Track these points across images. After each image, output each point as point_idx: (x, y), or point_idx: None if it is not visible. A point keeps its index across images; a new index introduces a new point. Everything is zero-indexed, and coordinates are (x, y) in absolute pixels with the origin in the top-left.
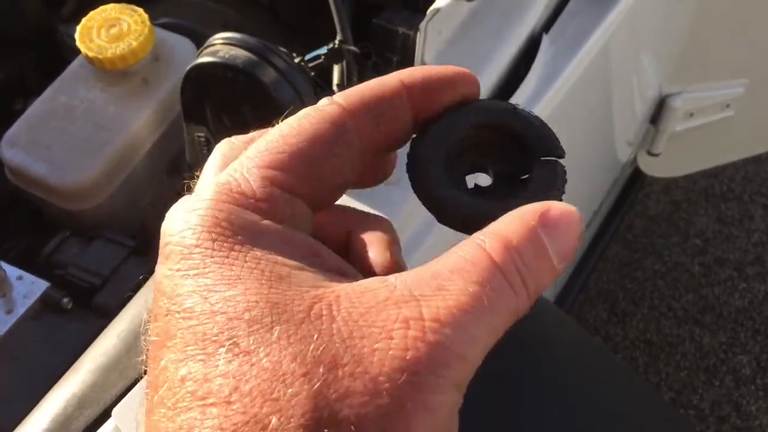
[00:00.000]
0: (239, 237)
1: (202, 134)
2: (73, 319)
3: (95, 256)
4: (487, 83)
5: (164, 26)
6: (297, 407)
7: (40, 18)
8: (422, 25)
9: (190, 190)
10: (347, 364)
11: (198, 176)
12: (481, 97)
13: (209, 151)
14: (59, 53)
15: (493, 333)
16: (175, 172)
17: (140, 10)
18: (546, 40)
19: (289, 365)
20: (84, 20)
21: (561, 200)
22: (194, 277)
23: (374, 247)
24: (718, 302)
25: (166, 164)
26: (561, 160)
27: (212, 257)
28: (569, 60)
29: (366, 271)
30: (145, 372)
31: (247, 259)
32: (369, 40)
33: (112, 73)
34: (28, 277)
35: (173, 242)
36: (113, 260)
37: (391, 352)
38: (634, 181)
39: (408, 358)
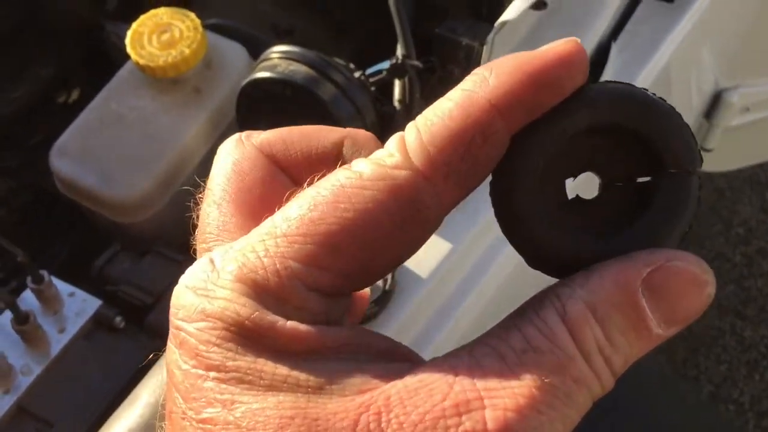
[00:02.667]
0: (265, 341)
1: None
2: (125, 339)
3: (147, 273)
4: None
5: (214, 28)
6: None
7: (85, 13)
8: (489, 37)
9: (197, 205)
10: None
11: (203, 189)
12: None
13: None
14: (104, 50)
15: (569, 425)
16: None
17: (192, 15)
18: (614, 48)
19: None
20: (135, 25)
21: (690, 230)
22: (214, 381)
23: None
24: (761, 294)
25: None
26: (697, 173)
27: (235, 360)
28: (640, 70)
29: None
30: None
31: (278, 366)
32: (429, 46)
33: (163, 81)
34: (80, 293)
35: (188, 331)
36: (165, 277)
37: None
38: None
39: None
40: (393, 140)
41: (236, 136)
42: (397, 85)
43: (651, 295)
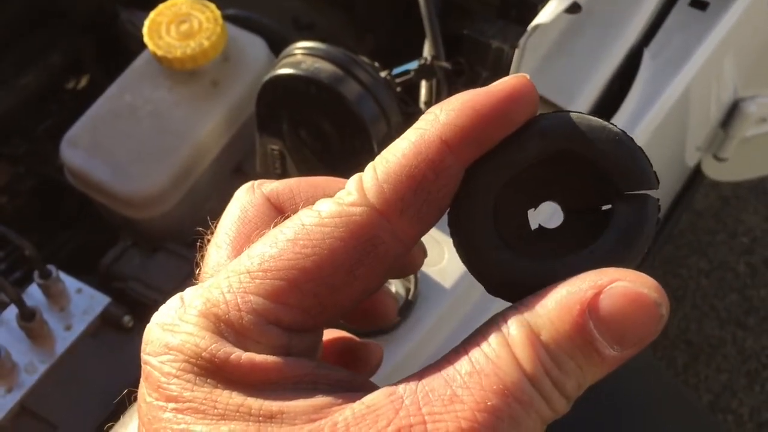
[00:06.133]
0: (223, 372)
1: (276, 147)
2: (133, 338)
3: (158, 270)
4: (584, 103)
5: (233, 20)
6: None
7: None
8: (522, 41)
9: (204, 245)
10: None
11: (212, 230)
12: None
13: (282, 166)
14: (119, 39)
15: None
16: (238, 172)
17: (212, 6)
18: (647, 55)
19: None
20: (153, 14)
21: (648, 250)
22: (173, 412)
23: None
24: (764, 304)
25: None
26: (652, 193)
27: (193, 391)
28: (672, 77)
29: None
30: None
31: (232, 396)
32: (455, 47)
33: (179, 72)
34: (87, 290)
35: (152, 364)
36: (177, 275)
37: None
38: (691, 182)
39: None
40: (352, 180)
41: (249, 183)
42: (423, 86)
43: (598, 316)
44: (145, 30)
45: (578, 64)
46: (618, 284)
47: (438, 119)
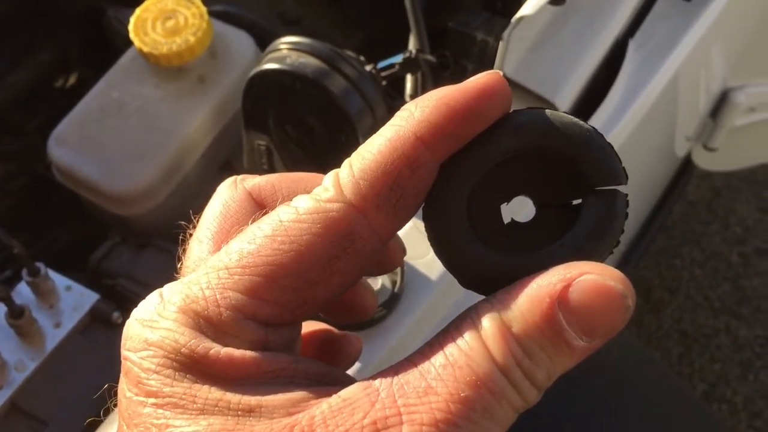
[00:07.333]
0: (202, 367)
1: (263, 143)
2: (121, 335)
3: (147, 267)
4: (570, 94)
5: (219, 15)
6: None
7: None
8: (506, 33)
9: (186, 240)
10: None
11: (195, 224)
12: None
13: (269, 161)
14: (104, 35)
15: None
16: (227, 168)
17: (198, 2)
18: (632, 46)
19: None
20: (138, 11)
21: (618, 242)
22: (152, 407)
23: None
24: (756, 294)
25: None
26: (622, 188)
27: (172, 386)
28: (657, 68)
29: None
30: None
31: (211, 391)
32: (442, 41)
33: (166, 69)
34: (76, 287)
35: (131, 360)
36: (166, 272)
37: None
38: (682, 172)
39: None
40: (329, 176)
41: (232, 178)
42: (408, 79)
43: (566, 308)
44: (130, 27)
45: (563, 55)
46: (586, 277)
47: (413, 116)
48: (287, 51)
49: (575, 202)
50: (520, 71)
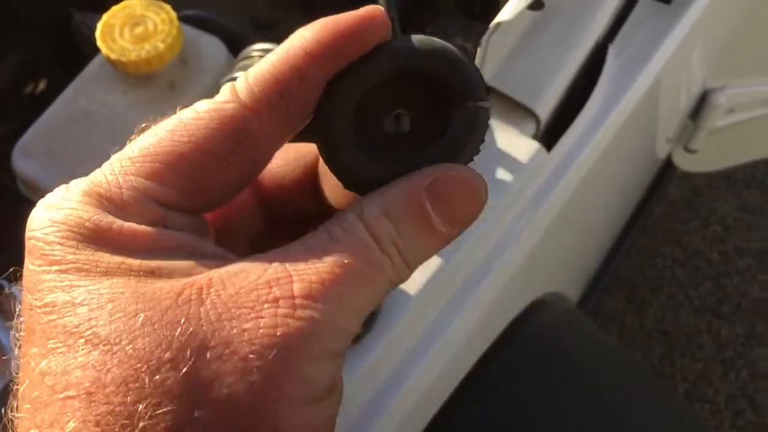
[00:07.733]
0: (105, 239)
1: None
2: None
3: None
4: (550, 99)
5: (190, 20)
6: (165, 393)
7: (54, 1)
8: (484, 39)
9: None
10: (216, 346)
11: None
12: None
13: None
14: (73, 41)
15: (369, 302)
16: None
17: (168, 7)
18: (612, 51)
19: (154, 351)
20: (105, 16)
21: (479, 150)
22: (56, 273)
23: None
24: (737, 292)
25: None
26: (484, 104)
27: (75, 254)
28: (637, 72)
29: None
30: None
31: (114, 257)
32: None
33: (135, 76)
34: None
35: (36, 237)
36: None
37: (261, 331)
38: (663, 174)
39: (278, 334)
40: (226, 86)
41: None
42: None
43: (433, 198)
44: (98, 33)
45: (543, 61)
46: (449, 172)
47: (303, 35)
48: (258, 58)
49: (441, 114)
50: (498, 77)
